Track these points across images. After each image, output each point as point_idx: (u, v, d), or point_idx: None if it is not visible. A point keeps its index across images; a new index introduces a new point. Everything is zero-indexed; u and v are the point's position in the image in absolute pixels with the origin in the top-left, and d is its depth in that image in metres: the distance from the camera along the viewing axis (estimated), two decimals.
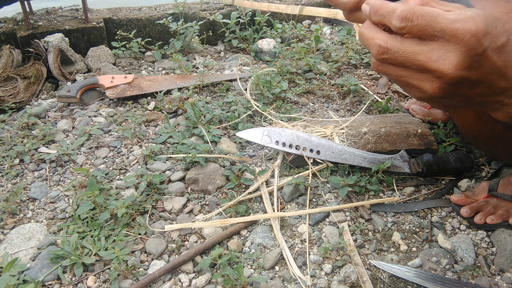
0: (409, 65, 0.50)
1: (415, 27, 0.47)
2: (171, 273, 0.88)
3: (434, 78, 0.50)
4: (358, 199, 1.05)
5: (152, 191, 1.08)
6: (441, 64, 0.48)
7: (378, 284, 0.85)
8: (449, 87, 0.50)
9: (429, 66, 0.49)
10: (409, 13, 0.47)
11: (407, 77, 0.52)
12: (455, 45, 0.47)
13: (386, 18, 0.49)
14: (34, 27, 1.72)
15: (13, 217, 1.04)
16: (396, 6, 0.48)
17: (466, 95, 0.54)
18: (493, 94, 0.55)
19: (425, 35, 0.48)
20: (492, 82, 0.52)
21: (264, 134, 1.15)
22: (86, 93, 1.52)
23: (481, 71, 0.50)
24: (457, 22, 0.46)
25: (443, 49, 0.48)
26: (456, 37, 0.46)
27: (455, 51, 0.47)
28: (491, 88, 0.53)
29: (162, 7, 2.01)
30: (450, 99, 0.54)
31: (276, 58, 1.79)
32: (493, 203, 0.98)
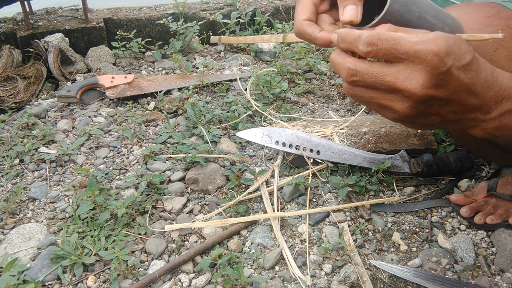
0: (379, 86, 0.52)
1: (380, 51, 0.50)
2: (171, 273, 0.88)
3: (403, 97, 0.52)
4: (358, 199, 1.05)
5: (152, 191, 1.08)
6: (408, 84, 0.50)
7: (378, 284, 0.85)
8: (420, 105, 0.53)
9: (397, 86, 0.51)
10: (373, 38, 0.50)
11: (379, 99, 0.54)
12: (420, 65, 0.49)
13: (353, 44, 0.52)
14: (34, 27, 1.72)
15: (13, 217, 1.04)
16: (362, 33, 0.51)
17: (438, 113, 0.55)
18: (465, 112, 0.56)
19: (391, 58, 0.51)
20: (461, 99, 0.54)
21: (264, 134, 1.15)
22: (86, 93, 1.52)
23: (448, 89, 0.52)
24: (419, 43, 0.49)
25: (409, 70, 0.50)
26: (419, 57, 0.49)
27: (420, 70, 0.50)
28: (462, 106, 0.55)
29: (162, 7, 2.01)
30: (423, 118, 0.56)
31: (276, 58, 1.79)
32: (493, 203, 0.98)
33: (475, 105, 0.55)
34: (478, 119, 0.58)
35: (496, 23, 0.73)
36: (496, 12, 0.73)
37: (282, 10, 2.15)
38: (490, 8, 0.75)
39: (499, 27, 0.72)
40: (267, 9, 2.11)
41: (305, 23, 0.62)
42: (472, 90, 0.53)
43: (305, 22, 0.62)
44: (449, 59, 0.49)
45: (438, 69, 0.49)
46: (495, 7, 0.75)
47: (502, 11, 0.74)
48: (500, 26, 0.72)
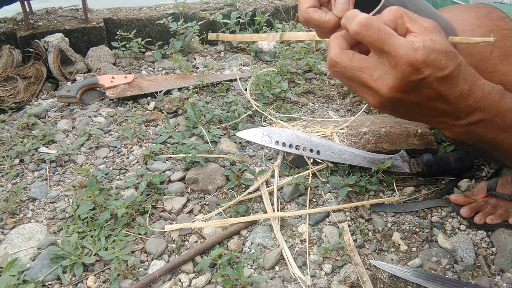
0: (354, 79, 0.56)
1: (368, 37, 0.52)
2: (171, 273, 0.88)
3: (374, 93, 0.55)
4: (358, 199, 1.05)
5: (152, 191, 1.08)
6: (379, 84, 0.53)
7: (378, 284, 0.85)
8: (387, 104, 0.56)
9: (369, 84, 0.54)
10: (368, 23, 0.51)
11: (355, 88, 0.58)
12: (393, 69, 0.52)
13: (349, 21, 0.53)
14: (34, 27, 1.72)
15: (13, 217, 1.04)
16: (361, 14, 0.53)
17: (406, 112, 0.59)
18: (434, 116, 0.59)
19: (375, 48, 0.52)
20: (431, 105, 0.57)
21: (264, 134, 1.15)
22: (86, 93, 1.52)
23: (419, 95, 0.55)
24: (402, 48, 0.50)
25: (384, 70, 0.53)
26: (396, 61, 0.51)
27: (392, 74, 0.52)
28: (431, 110, 0.58)
29: (162, 7, 2.01)
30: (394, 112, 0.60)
31: (276, 58, 1.79)
32: (492, 202, 0.98)
33: (445, 111, 0.58)
34: (446, 123, 0.61)
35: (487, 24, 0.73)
36: (487, 13, 0.74)
37: (282, 10, 2.15)
38: (481, 9, 0.75)
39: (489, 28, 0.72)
40: (267, 9, 2.11)
41: (310, 9, 0.63)
42: (445, 99, 0.55)
43: (311, 9, 0.63)
44: (425, 70, 0.51)
45: (409, 78, 0.52)
46: (485, 8, 0.75)
47: (493, 12, 0.74)
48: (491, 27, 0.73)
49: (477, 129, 0.60)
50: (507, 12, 0.73)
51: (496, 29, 0.72)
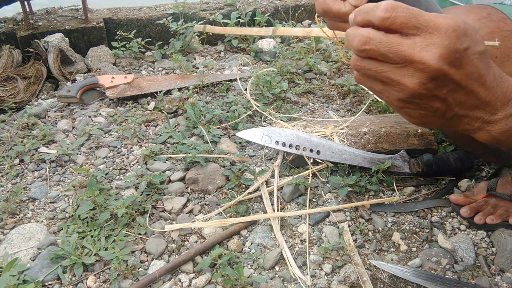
0: (392, 56, 0.49)
1: (400, 17, 0.48)
2: (171, 273, 0.88)
3: (415, 71, 0.49)
4: (358, 199, 1.05)
5: (152, 191, 1.08)
6: (425, 55, 0.48)
7: (378, 284, 0.85)
8: (430, 83, 0.50)
9: (412, 56, 0.48)
10: (394, 5, 0.48)
11: (388, 72, 0.51)
12: (438, 37, 0.48)
13: (370, 13, 0.50)
14: (34, 27, 1.72)
15: (13, 217, 1.04)
16: (381, 2, 0.50)
17: (445, 100, 0.53)
18: (472, 107, 0.55)
19: (408, 28, 0.48)
20: (472, 88, 0.52)
21: (264, 134, 1.15)
22: (86, 93, 1.52)
23: (462, 72, 0.50)
24: (440, 17, 0.48)
25: (426, 42, 0.48)
26: (439, 30, 0.47)
27: (438, 43, 0.48)
28: (471, 96, 0.53)
29: (162, 7, 2.01)
30: (428, 102, 0.53)
31: (276, 58, 1.79)
32: (492, 203, 0.98)
33: (483, 99, 0.53)
34: (483, 120, 0.56)
35: (487, 26, 0.73)
36: (487, 14, 0.74)
37: (282, 10, 2.15)
38: (481, 10, 0.75)
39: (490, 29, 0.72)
40: (267, 9, 2.11)
41: (329, 0, 0.61)
42: (483, 81, 0.52)
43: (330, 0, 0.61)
44: (466, 39, 0.48)
45: (455, 46, 0.48)
46: (486, 9, 0.75)
47: (493, 14, 0.74)
48: (491, 28, 0.72)
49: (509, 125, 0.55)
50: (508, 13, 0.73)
51: (497, 31, 0.72)
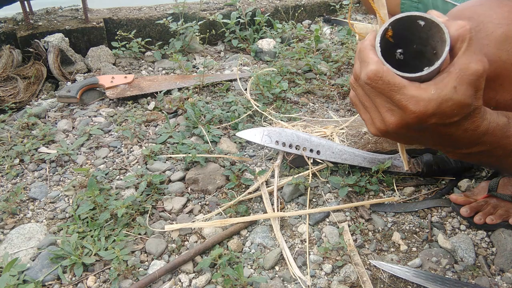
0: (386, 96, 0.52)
1: (378, 88, 0.51)
2: (171, 273, 0.88)
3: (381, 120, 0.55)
4: (358, 199, 1.05)
5: (152, 191, 1.08)
6: (387, 116, 0.53)
7: (378, 284, 0.85)
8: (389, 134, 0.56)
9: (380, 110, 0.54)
10: (376, 77, 0.50)
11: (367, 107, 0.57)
12: (402, 112, 0.51)
13: (362, 65, 0.52)
14: (34, 27, 1.72)
15: (13, 217, 1.04)
16: (370, 60, 0.51)
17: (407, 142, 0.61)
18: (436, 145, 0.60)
19: (386, 95, 0.52)
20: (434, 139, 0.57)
21: (264, 134, 1.15)
22: (86, 93, 1.52)
23: (422, 132, 0.55)
24: (412, 100, 0.49)
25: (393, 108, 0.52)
26: (404, 109, 0.50)
27: (399, 115, 0.51)
28: (433, 141, 0.58)
29: (162, 7, 2.01)
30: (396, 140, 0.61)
31: (276, 58, 1.79)
32: (493, 203, 0.98)
33: (447, 143, 0.58)
34: (449, 151, 0.62)
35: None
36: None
37: (282, 10, 2.15)
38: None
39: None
40: (267, 9, 2.11)
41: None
42: (448, 136, 0.55)
43: None
44: (432, 118, 0.50)
45: (413, 125, 0.51)
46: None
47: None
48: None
49: (478, 156, 0.60)
50: None
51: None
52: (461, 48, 0.48)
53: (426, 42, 0.53)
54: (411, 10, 1.09)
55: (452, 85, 0.48)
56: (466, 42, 0.48)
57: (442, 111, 0.49)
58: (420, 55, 0.55)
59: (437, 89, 0.48)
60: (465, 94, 0.48)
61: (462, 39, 0.48)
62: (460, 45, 0.48)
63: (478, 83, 0.48)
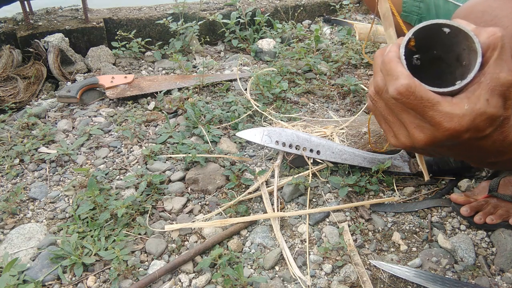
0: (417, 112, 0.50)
1: (409, 104, 0.48)
2: (171, 273, 0.88)
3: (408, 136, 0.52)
4: (358, 199, 1.05)
5: (152, 191, 1.08)
6: (416, 133, 0.50)
7: (378, 284, 0.85)
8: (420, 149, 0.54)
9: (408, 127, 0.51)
10: (407, 92, 0.47)
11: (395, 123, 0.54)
12: (433, 129, 0.48)
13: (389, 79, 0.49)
14: (34, 27, 1.72)
15: (13, 217, 1.04)
16: (399, 74, 0.47)
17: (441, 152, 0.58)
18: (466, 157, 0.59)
19: (417, 112, 0.49)
20: (465, 152, 0.55)
21: (264, 134, 1.15)
22: (86, 93, 1.52)
23: (453, 146, 0.53)
24: (446, 116, 0.47)
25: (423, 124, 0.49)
26: (437, 126, 0.48)
27: (431, 132, 0.49)
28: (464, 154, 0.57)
29: (162, 7, 2.01)
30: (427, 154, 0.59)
31: (276, 58, 1.79)
32: (493, 203, 0.98)
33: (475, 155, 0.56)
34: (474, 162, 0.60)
35: None
36: None
37: (281, 10, 2.15)
38: None
39: None
40: (267, 9, 2.11)
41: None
42: (477, 148, 0.53)
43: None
44: (465, 134, 0.48)
45: (447, 141, 0.49)
46: None
47: None
48: None
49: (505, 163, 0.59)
50: None
51: None
52: (491, 56, 0.46)
53: (449, 49, 0.51)
54: (413, 9, 1.08)
55: (485, 97, 0.46)
56: (497, 50, 0.45)
57: (476, 126, 0.47)
58: (438, 59, 0.53)
59: (470, 103, 0.46)
60: (496, 106, 0.46)
61: (494, 47, 0.45)
62: (491, 54, 0.46)
63: (508, 93, 0.46)
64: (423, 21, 0.50)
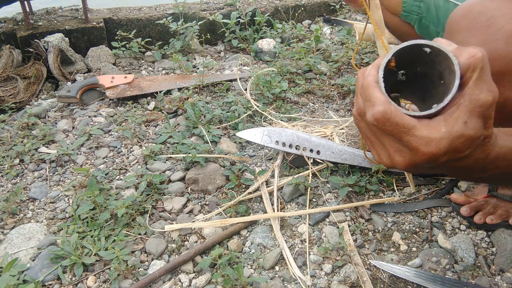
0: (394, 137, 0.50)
1: (385, 130, 0.48)
2: (171, 273, 0.88)
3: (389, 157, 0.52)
4: (358, 199, 1.05)
5: (152, 191, 1.08)
6: (396, 157, 0.50)
7: (378, 284, 0.85)
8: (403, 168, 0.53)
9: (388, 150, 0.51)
10: (383, 118, 0.47)
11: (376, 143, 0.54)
12: (412, 153, 0.48)
13: (367, 105, 0.49)
14: (34, 27, 1.72)
15: (13, 217, 1.04)
16: (376, 100, 0.48)
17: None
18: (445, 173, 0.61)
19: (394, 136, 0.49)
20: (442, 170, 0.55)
21: (264, 134, 1.15)
22: (86, 93, 1.52)
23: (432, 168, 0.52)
24: (423, 141, 0.47)
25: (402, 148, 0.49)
26: (415, 151, 0.48)
27: (409, 157, 0.49)
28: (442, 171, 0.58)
29: (162, 7, 2.01)
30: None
31: (276, 58, 1.79)
32: (493, 203, 0.98)
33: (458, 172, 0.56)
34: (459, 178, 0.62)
35: None
36: None
37: (282, 10, 2.15)
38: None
39: None
40: (267, 9, 2.11)
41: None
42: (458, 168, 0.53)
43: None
44: (444, 156, 0.47)
45: (424, 164, 0.49)
46: None
47: None
48: None
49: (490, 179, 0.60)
50: None
51: None
52: (471, 77, 0.45)
53: (432, 66, 0.50)
54: (412, 9, 1.08)
55: (463, 120, 0.45)
56: (477, 71, 0.45)
57: (454, 148, 0.47)
58: (423, 74, 0.52)
59: (447, 126, 0.46)
60: (475, 128, 0.46)
61: (473, 68, 0.45)
62: (471, 75, 0.45)
63: (487, 113, 0.46)
64: (423, 21, 0.50)
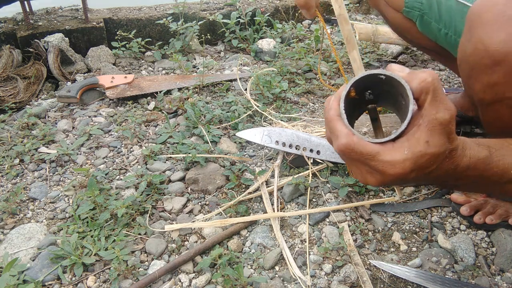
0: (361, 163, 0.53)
1: (352, 158, 0.51)
2: (171, 273, 0.88)
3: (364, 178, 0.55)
4: (358, 199, 1.05)
5: (152, 191, 1.08)
6: (368, 178, 0.53)
7: (378, 284, 0.85)
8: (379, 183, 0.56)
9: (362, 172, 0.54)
10: (348, 148, 0.50)
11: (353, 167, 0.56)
12: (381, 175, 0.51)
13: (333, 137, 0.52)
14: (34, 27, 1.72)
15: (13, 217, 1.04)
16: (339, 133, 0.50)
17: None
18: None
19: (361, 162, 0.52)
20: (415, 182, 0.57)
21: (264, 134, 1.15)
22: (86, 93, 1.52)
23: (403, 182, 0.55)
24: (388, 164, 0.49)
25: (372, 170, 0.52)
26: (383, 175, 0.50)
27: (378, 178, 0.52)
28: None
29: (162, 7, 2.01)
30: None
31: (276, 58, 1.79)
32: (492, 202, 0.98)
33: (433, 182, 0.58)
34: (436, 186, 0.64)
35: None
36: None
37: (282, 10, 2.15)
38: None
39: None
40: (267, 9, 2.11)
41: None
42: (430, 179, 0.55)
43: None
44: (411, 174, 0.50)
45: (394, 183, 0.52)
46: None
47: None
48: None
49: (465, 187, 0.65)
50: None
51: None
52: (426, 99, 0.48)
53: (391, 88, 0.52)
54: (415, 5, 1.07)
55: (424, 139, 0.48)
56: (430, 94, 0.47)
57: (419, 166, 0.49)
58: (387, 92, 0.54)
59: (410, 147, 0.48)
60: (437, 145, 0.48)
61: (426, 92, 0.47)
62: (425, 97, 0.48)
63: (448, 129, 0.48)
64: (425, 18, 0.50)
